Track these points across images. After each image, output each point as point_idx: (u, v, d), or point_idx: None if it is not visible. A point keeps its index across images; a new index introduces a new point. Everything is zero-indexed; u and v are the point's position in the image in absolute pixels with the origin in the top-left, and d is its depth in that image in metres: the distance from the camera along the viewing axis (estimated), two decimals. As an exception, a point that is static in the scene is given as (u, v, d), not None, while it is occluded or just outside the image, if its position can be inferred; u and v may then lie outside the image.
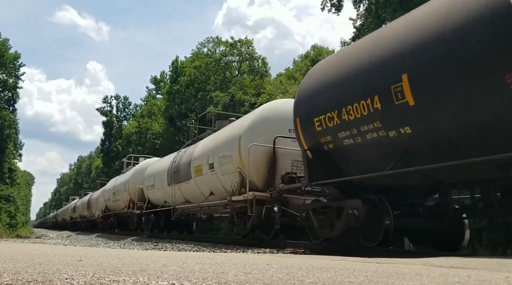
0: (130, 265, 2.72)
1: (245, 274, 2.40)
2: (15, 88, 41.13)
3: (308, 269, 2.73)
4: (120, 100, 58.56)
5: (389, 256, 4.72)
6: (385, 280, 2.22)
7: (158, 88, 47.21)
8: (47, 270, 2.31)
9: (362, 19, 18.59)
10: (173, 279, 2.10)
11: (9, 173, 42.14)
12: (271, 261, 3.37)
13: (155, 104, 43.68)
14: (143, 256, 3.77)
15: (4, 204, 38.14)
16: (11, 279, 2.00)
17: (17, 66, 40.55)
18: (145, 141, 40.84)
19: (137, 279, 2.08)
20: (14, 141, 42.74)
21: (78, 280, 2.01)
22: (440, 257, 4.34)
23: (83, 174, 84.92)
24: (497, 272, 2.69)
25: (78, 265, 2.62)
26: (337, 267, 2.91)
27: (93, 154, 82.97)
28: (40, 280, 1.99)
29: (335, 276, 2.40)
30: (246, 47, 34.06)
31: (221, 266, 2.78)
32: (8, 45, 39.63)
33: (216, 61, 33.73)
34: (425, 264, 3.23)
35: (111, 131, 56.21)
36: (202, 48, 35.92)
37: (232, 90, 27.72)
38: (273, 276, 2.34)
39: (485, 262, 3.41)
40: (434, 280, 2.27)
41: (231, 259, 3.44)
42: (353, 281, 2.19)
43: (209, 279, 2.12)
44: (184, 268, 2.60)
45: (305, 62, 28.49)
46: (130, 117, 56.96)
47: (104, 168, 56.21)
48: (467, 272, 2.64)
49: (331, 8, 19.34)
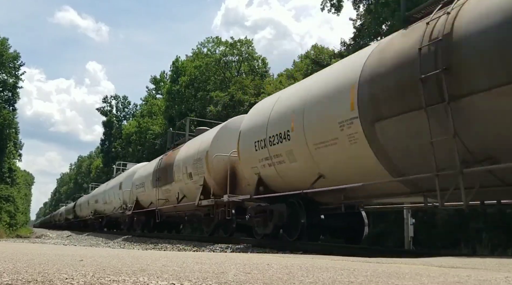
0: (130, 265, 2.72)
1: (245, 274, 2.40)
2: (15, 87, 41.10)
3: (308, 269, 2.73)
4: (119, 100, 58.61)
5: (389, 256, 4.73)
6: (385, 280, 2.22)
7: (158, 88, 47.21)
8: (47, 270, 2.31)
9: (362, 19, 18.58)
10: (173, 279, 2.10)
11: (9, 173, 42.12)
12: (271, 261, 3.37)
13: (155, 104, 43.68)
14: (143, 256, 3.77)
15: (4, 204, 38.11)
16: (11, 279, 2.00)
17: (16, 65, 40.51)
18: (145, 141, 40.84)
19: (137, 279, 2.07)
20: (14, 141, 42.71)
21: (78, 280, 2.01)
22: (440, 257, 4.34)
23: (83, 174, 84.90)
24: (497, 272, 2.68)
25: (78, 265, 2.62)
26: (337, 267, 2.91)
27: (93, 154, 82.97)
28: (40, 280, 1.99)
29: (335, 276, 2.40)
30: (246, 47, 34.07)
31: (221, 266, 2.78)
32: (8, 44, 39.61)
33: (216, 61, 33.72)
34: (425, 264, 3.23)
35: (111, 131, 56.22)
36: (202, 48, 35.94)
37: (231, 90, 27.71)
38: (273, 276, 2.34)
39: (485, 262, 3.40)
40: (434, 280, 2.27)
41: (231, 259, 3.44)
42: (353, 281, 2.19)
43: (209, 279, 2.12)
44: (184, 268, 2.60)
45: (305, 62, 28.47)
46: (130, 117, 56.97)
47: (104, 168, 56.21)
48: (467, 272, 2.64)
49: (331, 8, 19.35)
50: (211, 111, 26.68)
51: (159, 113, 40.87)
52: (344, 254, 5.01)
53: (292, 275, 2.38)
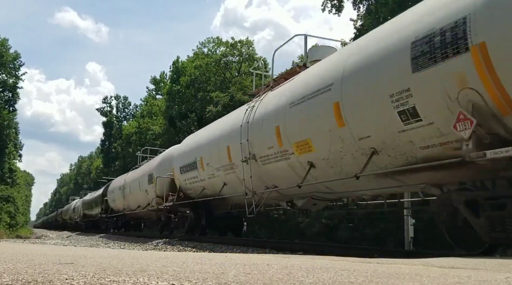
0: (130, 265, 2.72)
1: (245, 274, 2.40)
2: (15, 88, 41.06)
3: (308, 269, 2.73)
4: (120, 100, 58.56)
5: (389, 256, 4.73)
6: (385, 281, 2.22)
7: (158, 88, 47.18)
8: (47, 271, 2.31)
9: (362, 19, 18.59)
10: (173, 280, 2.10)
11: (9, 173, 42.11)
12: (271, 261, 3.37)
13: (155, 104, 43.63)
14: (143, 256, 3.77)
15: (4, 205, 38.09)
16: (11, 279, 2.00)
17: (17, 66, 40.48)
18: (145, 141, 40.82)
19: (137, 279, 2.07)
20: (14, 142, 42.69)
21: (78, 280, 2.01)
22: (440, 257, 4.34)
23: (83, 174, 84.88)
24: (497, 272, 2.68)
25: (78, 265, 2.62)
26: (337, 267, 2.91)
27: (93, 154, 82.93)
28: (40, 280, 1.99)
29: (335, 276, 2.40)
30: (246, 48, 34.04)
31: (221, 267, 2.78)
32: (8, 45, 39.59)
33: (216, 61, 33.68)
34: (425, 265, 3.23)
35: (111, 131, 56.18)
36: (202, 48, 35.91)
37: (231, 90, 27.68)
38: (273, 276, 2.34)
39: (485, 262, 3.40)
40: (434, 281, 2.27)
41: (231, 260, 3.44)
42: (353, 282, 2.18)
43: (209, 280, 2.12)
44: (184, 269, 2.60)
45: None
46: (130, 117, 56.94)
47: (104, 168, 56.18)
48: (467, 272, 2.64)
49: (331, 9, 19.35)
50: (211, 112, 26.65)
51: (159, 113, 40.82)
52: (344, 255, 5.01)
53: (292, 276, 2.37)
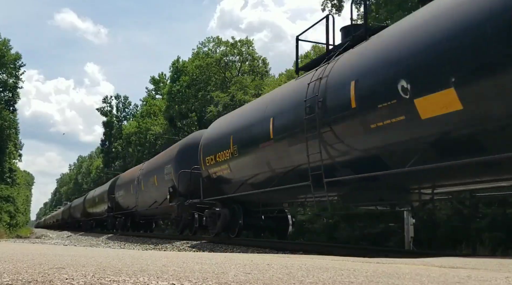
0: (130, 265, 2.72)
1: (245, 274, 2.40)
2: (15, 88, 41.04)
3: (308, 269, 2.73)
4: (120, 100, 58.50)
5: (389, 256, 4.73)
6: (385, 280, 2.22)
7: (158, 88, 47.15)
8: (47, 270, 2.31)
9: (362, 20, 18.57)
10: (173, 279, 2.10)
11: (10, 173, 42.09)
12: (272, 261, 3.37)
13: (154, 105, 43.61)
14: (143, 256, 3.77)
15: (4, 204, 38.08)
16: (11, 279, 2.00)
17: (17, 66, 40.46)
18: (145, 141, 40.81)
19: (137, 279, 2.07)
20: (14, 142, 42.65)
21: (78, 280, 2.01)
22: (440, 257, 4.34)
23: (83, 174, 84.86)
24: (497, 272, 2.69)
25: (78, 265, 2.62)
26: (337, 267, 2.91)
27: (93, 154, 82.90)
28: (40, 280, 1.99)
29: (335, 276, 2.40)
30: (246, 47, 34.03)
31: (221, 266, 2.78)
32: (9, 45, 39.57)
33: (217, 61, 33.68)
34: (425, 264, 3.23)
35: (111, 131, 56.14)
36: (202, 48, 35.90)
37: (232, 90, 27.68)
38: (273, 276, 2.34)
39: (485, 262, 3.40)
40: (434, 280, 2.27)
41: (231, 259, 3.44)
42: (353, 281, 2.18)
43: (209, 279, 2.12)
44: (184, 268, 2.60)
45: (305, 62, 28.44)
46: (130, 117, 56.89)
47: (104, 168, 56.16)
48: (467, 272, 2.64)
49: (331, 9, 19.35)
50: (211, 112, 26.66)
51: (159, 113, 40.80)
52: (344, 254, 5.01)
53: (292, 275, 2.37)
